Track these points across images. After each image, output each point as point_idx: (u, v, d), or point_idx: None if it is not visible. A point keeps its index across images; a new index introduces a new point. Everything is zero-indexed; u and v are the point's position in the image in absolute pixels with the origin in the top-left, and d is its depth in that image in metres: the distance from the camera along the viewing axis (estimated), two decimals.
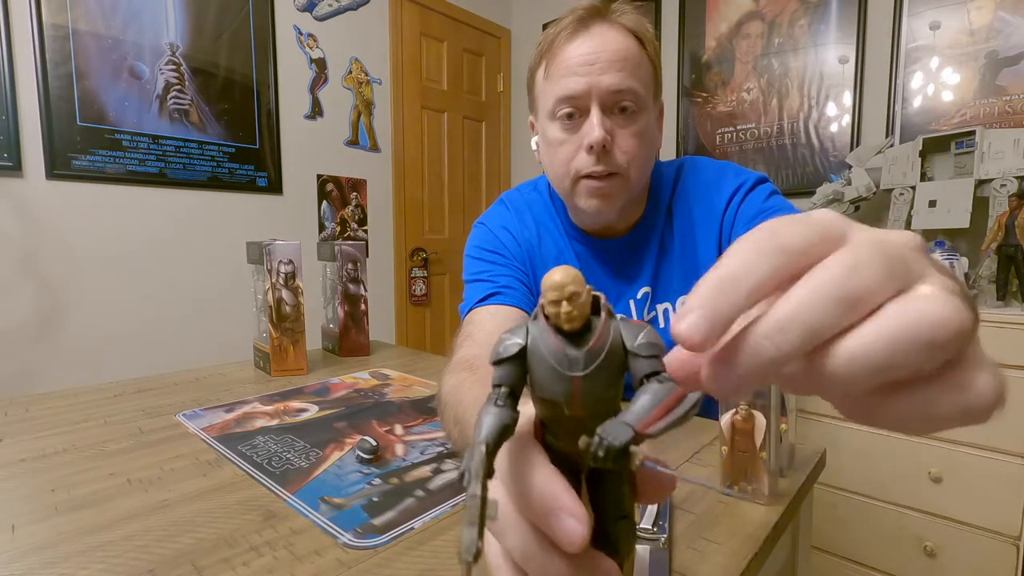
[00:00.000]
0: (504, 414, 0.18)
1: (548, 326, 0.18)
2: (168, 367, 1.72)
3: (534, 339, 0.18)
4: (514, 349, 0.18)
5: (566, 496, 0.18)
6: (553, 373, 0.18)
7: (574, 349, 0.17)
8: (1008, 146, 1.40)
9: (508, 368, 0.18)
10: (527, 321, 0.19)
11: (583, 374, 0.17)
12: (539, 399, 0.19)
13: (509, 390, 0.18)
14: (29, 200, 1.53)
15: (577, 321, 0.17)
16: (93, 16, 1.59)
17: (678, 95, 2.27)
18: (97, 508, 0.41)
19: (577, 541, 0.17)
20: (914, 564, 1.35)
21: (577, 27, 0.65)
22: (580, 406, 0.18)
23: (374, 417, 0.63)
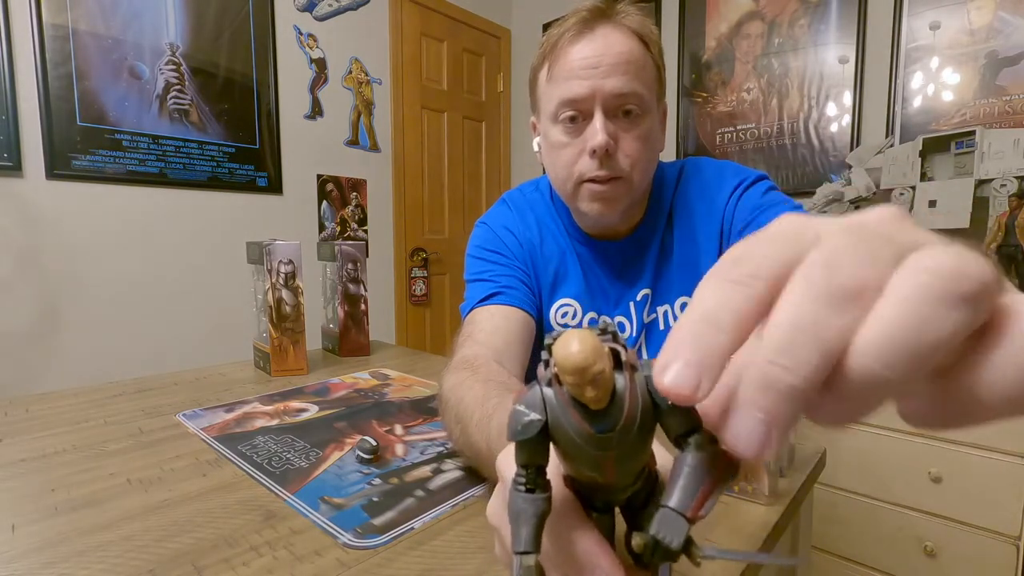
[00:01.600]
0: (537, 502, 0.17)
1: (568, 400, 0.16)
2: (168, 367, 1.72)
3: (555, 416, 0.17)
4: (535, 429, 0.17)
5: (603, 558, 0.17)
6: (583, 451, 0.16)
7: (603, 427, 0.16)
8: (1008, 146, 1.40)
9: (531, 447, 0.17)
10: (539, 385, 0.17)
11: (617, 452, 0.16)
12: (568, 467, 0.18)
13: (536, 469, 0.17)
14: (29, 200, 1.53)
15: (604, 401, 0.15)
16: (93, 16, 1.59)
17: (678, 95, 2.27)
18: (97, 508, 0.41)
19: None
20: (914, 564, 1.35)
21: (581, 28, 0.64)
22: (614, 476, 0.17)
23: (374, 417, 0.63)
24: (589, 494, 0.20)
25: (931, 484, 1.31)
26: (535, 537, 0.16)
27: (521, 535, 0.16)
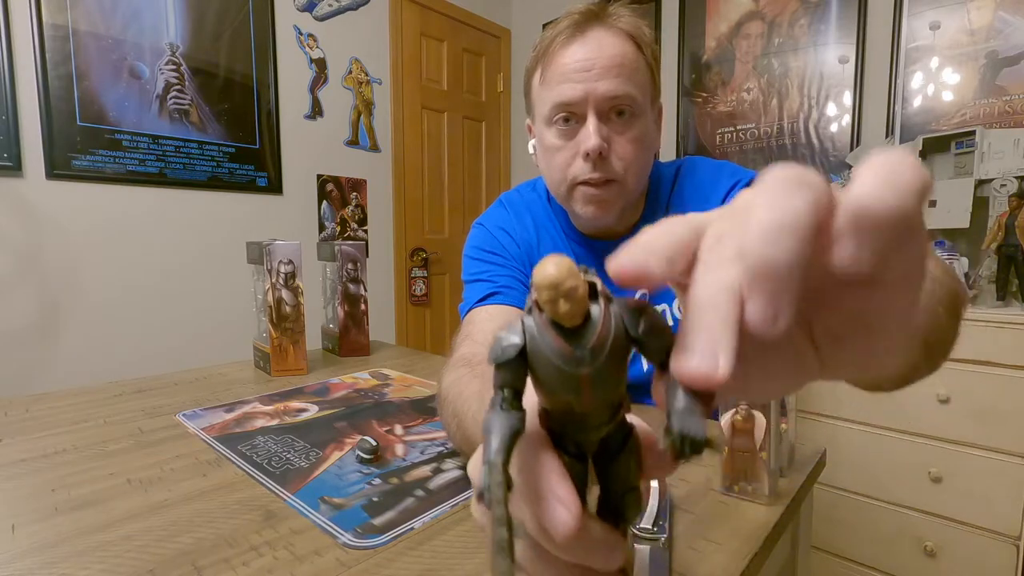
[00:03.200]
0: (512, 419, 0.17)
1: (546, 322, 0.17)
2: (168, 367, 1.72)
3: (533, 338, 0.18)
4: (513, 352, 0.18)
5: (560, 487, 0.18)
6: (558, 372, 0.17)
7: (578, 346, 0.17)
8: (1008, 146, 1.40)
9: (509, 370, 0.18)
10: (522, 316, 0.18)
11: (590, 371, 0.17)
12: (543, 394, 0.19)
13: (513, 392, 0.18)
14: (29, 200, 1.53)
15: (578, 317, 0.17)
16: (93, 16, 1.59)
17: (678, 95, 2.27)
18: (97, 508, 0.41)
19: (563, 531, 0.17)
20: (914, 564, 1.35)
21: (573, 32, 0.64)
22: (589, 401, 0.18)
23: (374, 417, 0.63)
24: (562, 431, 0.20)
25: (931, 484, 1.31)
26: (505, 447, 0.17)
27: (492, 444, 0.17)
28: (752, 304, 0.14)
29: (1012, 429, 1.21)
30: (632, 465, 0.20)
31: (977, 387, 1.24)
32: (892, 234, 0.14)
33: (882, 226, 0.14)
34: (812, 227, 0.14)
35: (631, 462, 0.20)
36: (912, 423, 1.34)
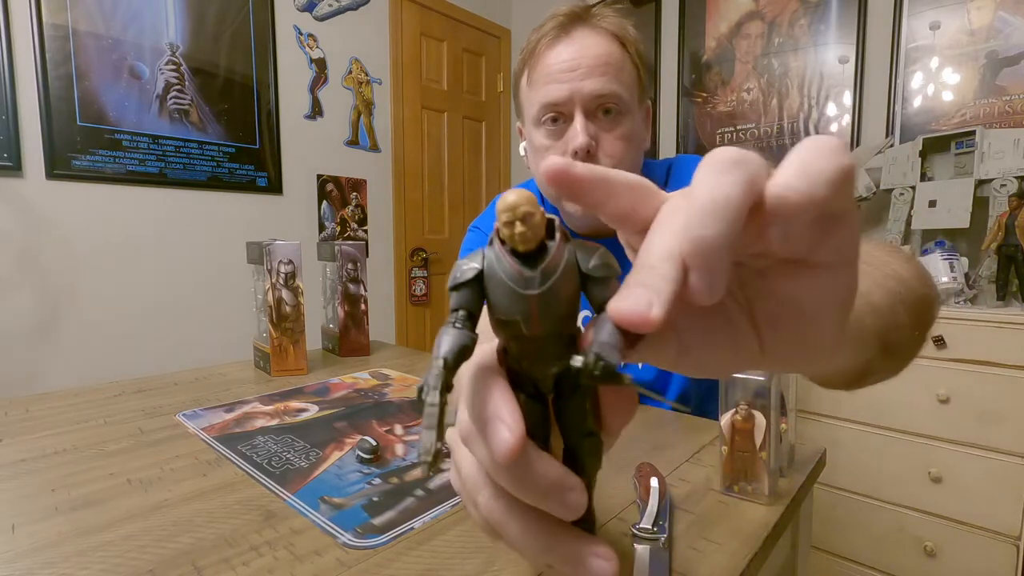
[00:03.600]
0: (463, 335, 0.18)
1: (503, 249, 0.18)
2: (168, 367, 1.72)
3: (490, 263, 0.18)
4: (471, 274, 0.19)
5: (505, 409, 0.18)
6: (510, 293, 0.18)
7: (529, 269, 0.18)
8: (1008, 146, 1.40)
9: (465, 292, 0.19)
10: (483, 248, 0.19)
11: (539, 292, 0.18)
12: (498, 322, 0.19)
13: (467, 313, 0.19)
14: (29, 200, 1.53)
15: (531, 242, 0.17)
16: (93, 16, 1.59)
17: (678, 95, 2.27)
18: (97, 508, 0.41)
19: (501, 452, 0.18)
20: (914, 564, 1.35)
21: (558, 33, 0.65)
22: (538, 325, 0.18)
23: (374, 417, 0.63)
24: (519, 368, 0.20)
25: (931, 484, 1.31)
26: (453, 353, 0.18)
27: (441, 348, 0.18)
28: (692, 275, 0.15)
29: (1012, 429, 1.21)
30: (588, 408, 0.20)
31: (977, 387, 1.24)
32: (807, 219, 0.15)
33: (796, 212, 0.15)
34: (741, 208, 0.15)
35: (586, 404, 0.20)
36: (912, 423, 1.34)
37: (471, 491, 0.22)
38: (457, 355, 0.18)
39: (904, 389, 1.34)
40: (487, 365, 0.20)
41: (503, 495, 0.21)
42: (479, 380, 0.20)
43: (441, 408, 0.17)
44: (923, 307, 0.34)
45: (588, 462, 0.21)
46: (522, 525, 0.20)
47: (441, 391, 0.17)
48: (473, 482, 0.22)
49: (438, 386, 0.17)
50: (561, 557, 0.20)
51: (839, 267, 0.17)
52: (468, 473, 0.22)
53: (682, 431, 0.58)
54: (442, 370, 0.17)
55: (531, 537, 0.20)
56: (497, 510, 0.21)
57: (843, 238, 0.16)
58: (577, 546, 0.20)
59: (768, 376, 0.39)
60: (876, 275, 0.33)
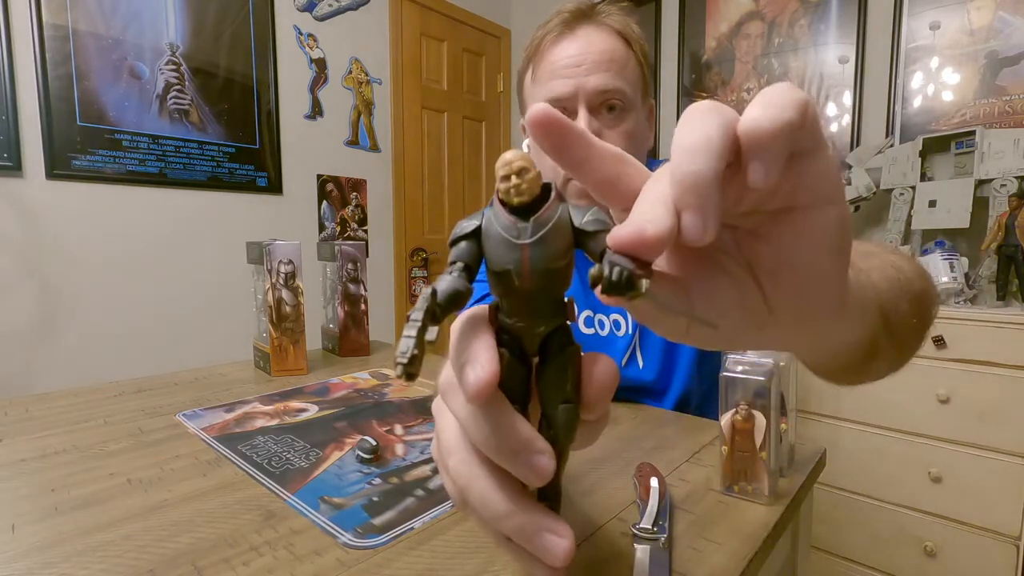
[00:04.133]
0: (458, 281, 0.19)
1: (501, 206, 0.19)
2: (168, 367, 1.72)
3: (488, 219, 0.19)
4: (470, 228, 0.20)
5: (482, 351, 0.19)
6: (504, 243, 0.19)
7: (522, 220, 0.19)
8: (1008, 146, 1.40)
9: (464, 246, 0.20)
10: (485, 210, 0.20)
11: (531, 241, 0.18)
12: (492, 274, 0.20)
13: (464, 265, 0.20)
14: (29, 200, 1.53)
15: (525, 195, 0.18)
16: (93, 16, 1.59)
17: (678, 95, 2.27)
18: (97, 508, 0.41)
19: (473, 387, 0.18)
20: (914, 564, 1.35)
21: (563, 29, 0.65)
22: (530, 275, 0.19)
23: (374, 417, 0.63)
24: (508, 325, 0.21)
25: (931, 484, 1.31)
26: (446, 293, 0.18)
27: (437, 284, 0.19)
28: (684, 216, 0.16)
29: (1012, 429, 1.21)
30: (569, 375, 0.21)
31: (977, 387, 1.24)
32: (780, 150, 0.16)
33: (767, 139, 0.15)
34: (722, 143, 0.16)
35: (568, 371, 0.21)
36: (912, 423, 1.34)
37: (444, 455, 0.22)
38: (450, 296, 0.18)
39: (904, 389, 1.34)
40: (476, 316, 0.21)
41: (473, 457, 0.21)
42: (465, 328, 0.20)
43: (423, 323, 0.17)
44: (923, 301, 0.35)
45: (561, 432, 0.21)
46: (486, 487, 0.21)
47: (425, 312, 0.18)
48: (447, 446, 0.22)
49: (423, 308, 0.18)
50: (518, 526, 0.20)
51: (822, 206, 0.18)
52: (445, 438, 0.22)
53: (682, 431, 0.58)
54: (430, 296, 0.18)
55: (492, 501, 0.20)
56: (464, 472, 0.21)
57: (819, 175, 0.17)
58: (536, 518, 0.20)
59: (768, 376, 0.39)
60: (876, 262, 0.33)
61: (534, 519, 0.20)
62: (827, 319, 0.21)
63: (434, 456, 0.25)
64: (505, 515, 0.20)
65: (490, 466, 0.21)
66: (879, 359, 0.33)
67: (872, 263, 0.33)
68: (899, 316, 0.32)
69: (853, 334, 0.28)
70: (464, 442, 0.21)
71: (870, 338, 0.30)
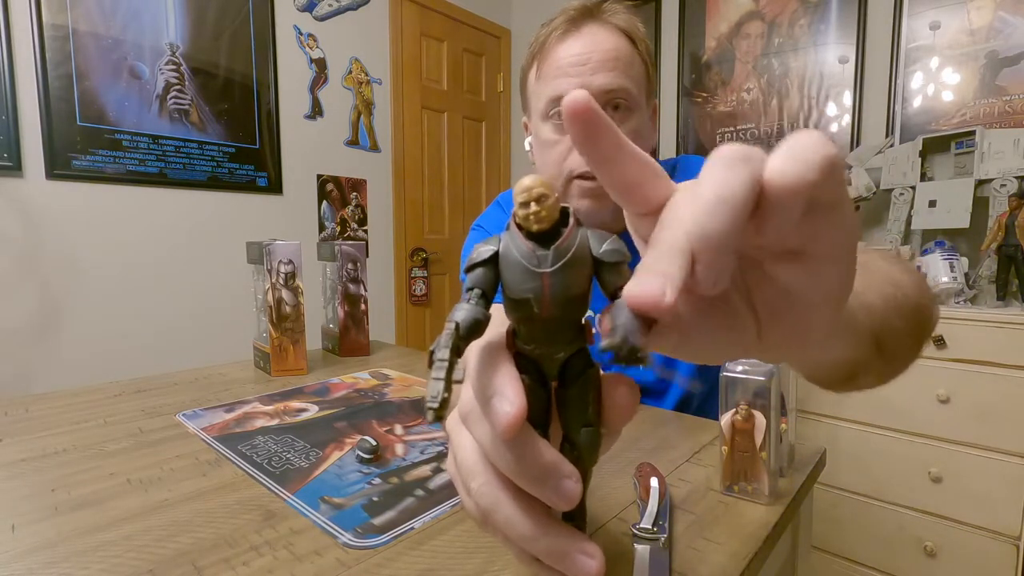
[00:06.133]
0: (476, 310, 0.19)
1: (518, 232, 0.19)
2: (168, 367, 1.72)
3: (506, 245, 0.19)
4: (487, 255, 0.19)
5: (508, 384, 0.19)
6: (523, 271, 0.19)
7: (542, 248, 0.18)
8: (1008, 146, 1.40)
9: (480, 273, 0.19)
10: (500, 234, 0.20)
11: (551, 270, 0.18)
12: (510, 302, 0.20)
13: (481, 292, 0.19)
14: (29, 200, 1.53)
15: (545, 222, 0.18)
16: (93, 16, 1.59)
17: (678, 95, 2.27)
18: (97, 508, 0.41)
19: (503, 423, 0.18)
20: (914, 564, 1.35)
21: (568, 27, 0.65)
22: (549, 304, 0.19)
23: (374, 417, 0.63)
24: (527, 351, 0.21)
25: (931, 484, 1.31)
26: (467, 324, 0.18)
27: (455, 314, 0.19)
28: (699, 268, 0.16)
29: (1012, 429, 1.21)
30: (590, 399, 0.21)
31: (977, 387, 1.24)
32: (799, 203, 0.16)
33: (788, 196, 0.15)
34: (745, 204, 0.15)
35: (589, 394, 0.21)
36: (912, 423, 1.34)
37: (465, 476, 0.22)
38: (470, 325, 0.18)
39: (904, 389, 1.34)
40: (495, 344, 0.21)
41: (497, 480, 0.21)
42: (486, 357, 0.20)
43: (450, 363, 0.18)
44: (919, 316, 0.34)
45: (585, 454, 0.21)
46: (512, 511, 0.20)
47: (451, 349, 0.18)
48: (468, 467, 0.22)
49: (448, 345, 0.18)
50: (547, 548, 0.20)
51: (834, 260, 0.18)
52: (464, 458, 0.22)
53: (682, 431, 0.58)
54: (453, 332, 0.18)
55: (520, 525, 0.20)
56: (489, 495, 0.21)
57: (838, 230, 0.17)
58: (565, 540, 0.20)
59: (768, 376, 0.39)
60: (873, 279, 0.33)
61: (564, 540, 0.20)
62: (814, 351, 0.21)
63: (449, 471, 0.25)
64: (533, 537, 0.20)
65: (514, 488, 0.21)
66: (867, 374, 0.33)
67: (870, 280, 0.32)
68: (892, 334, 0.31)
69: (839, 356, 0.28)
70: (486, 464, 0.21)
71: (857, 359, 0.30)
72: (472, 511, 0.23)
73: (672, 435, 0.56)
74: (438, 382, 0.17)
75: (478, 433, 0.21)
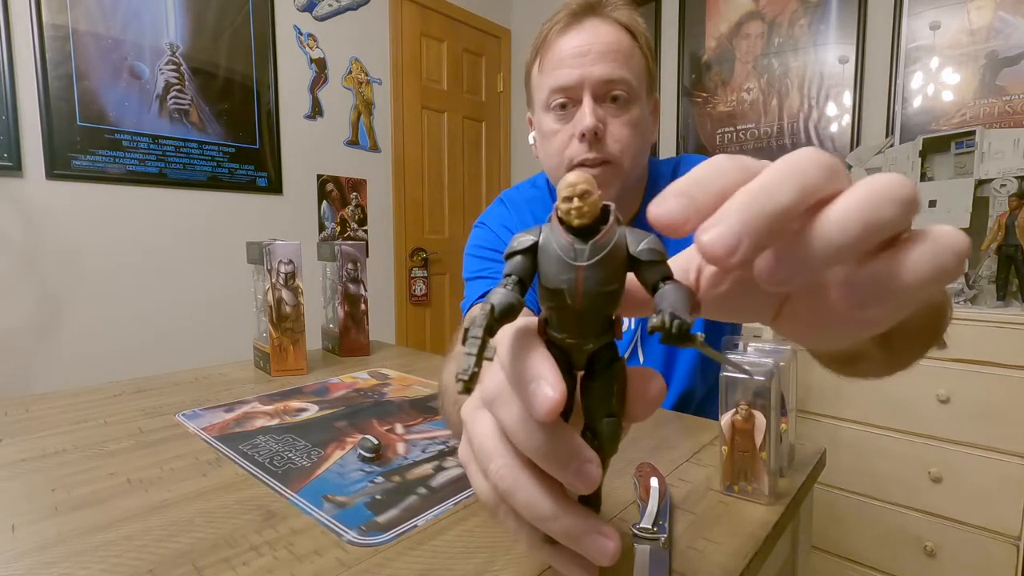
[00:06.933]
0: (512, 295, 0.20)
1: (559, 225, 0.20)
2: (168, 367, 1.72)
3: (546, 236, 0.20)
4: (527, 244, 0.20)
5: (548, 369, 0.19)
6: (560, 263, 0.19)
7: (581, 242, 0.19)
8: (1008, 146, 1.40)
9: (519, 261, 0.20)
10: (541, 225, 0.21)
11: (587, 263, 0.19)
12: (545, 291, 0.20)
13: (518, 279, 0.20)
14: (29, 200, 1.53)
15: (586, 218, 0.19)
16: (93, 16, 1.59)
17: (678, 95, 2.27)
18: (97, 508, 0.41)
19: (546, 404, 0.19)
20: (914, 564, 1.35)
21: (570, 21, 0.67)
22: (582, 296, 0.19)
23: (374, 416, 0.63)
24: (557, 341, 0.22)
25: (931, 484, 1.31)
26: (501, 307, 0.19)
27: (493, 297, 0.19)
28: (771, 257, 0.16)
29: (1012, 429, 1.21)
30: (614, 390, 0.22)
31: (977, 387, 1.24)
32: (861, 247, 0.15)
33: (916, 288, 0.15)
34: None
35: (613, 386, 0.22)
36: (912, 423, 1.34)
37: (484, 459, 0.22)
38: (504, 308, 0.19)
39: (904, 389, 1.34)
40: (529, 330, 0.22)
41: (518, 462, 0.21)
42: (520, 341, 0.21)
43: (483, 341, 0.18)
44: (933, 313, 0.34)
45: (606, 443, 0.22)
46: (533, 491, 0.21)
47: (485, 329, 0.19)
48: (488, 450, 0.22)
49: (483, 324, 0.19)
50: (566, 528, 0.21)
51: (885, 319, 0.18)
52: (482, 441, 0.23)
53: (682, 431, 0.58)
54: (489, 312, 0.19)
55: (541, 504, 0.21)
56: (509, 476, 0.21)
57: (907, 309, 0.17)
58: (584, 520, 0.21)
59: (768, 376, 0.39)
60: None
61: (582, 521, 0.21)
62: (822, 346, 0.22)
63: (462, 458, 0.25)
64: (553, 517, 0.21)
65: (534, 470, 0.21)
66: (868, 362, 0.33)
67: None
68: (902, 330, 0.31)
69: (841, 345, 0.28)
70: (506, 447, 0.22)
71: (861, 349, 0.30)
72: (487, 495, 0.23)
73: (672, 435, 0.56)
74: (470, 357, 0.18)
75: (504, 415, 0.21)
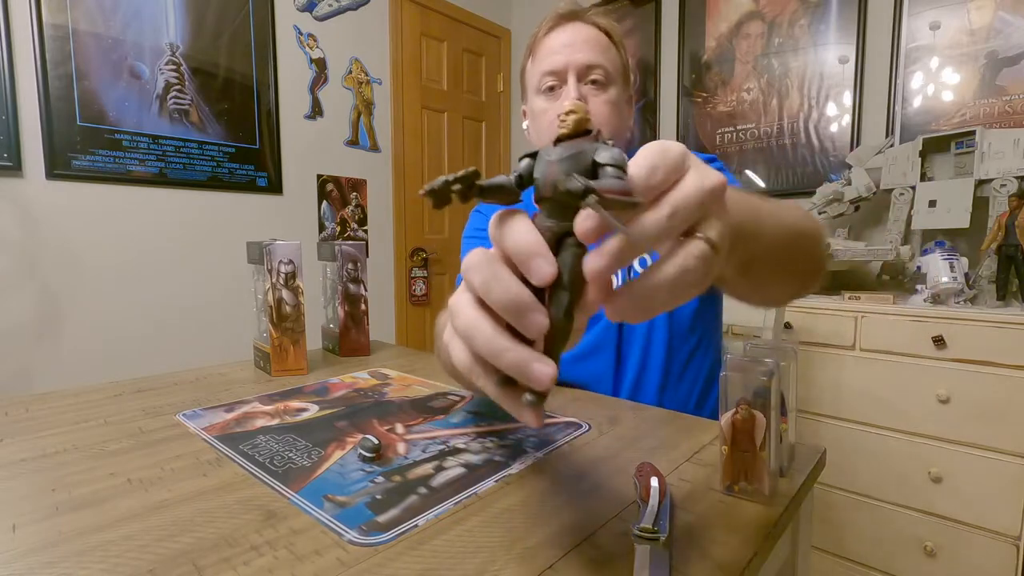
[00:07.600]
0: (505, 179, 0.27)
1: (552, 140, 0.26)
2: (168, 367, 1.72)
3: (545, 148, 0.26)
4: (533, 150, 0.28)
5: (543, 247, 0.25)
6: (541, 160, 0.26)
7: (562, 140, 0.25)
8: (1008, 146, 1.40)
9: (525, 162, 0.28)
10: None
11: (554, 159, 0.25)
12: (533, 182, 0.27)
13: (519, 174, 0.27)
14: (29, 200, 1.53)
15: (565, 130, 0.25)
16: (93, 16, 1.59)
17: (678, 95, 2.27)
18: (97, 508, 0.41)
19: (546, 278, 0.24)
20: (914, 564, 1.35)
21: (557, 22, 0.81)
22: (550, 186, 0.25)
23: (374, 416, 0.63)
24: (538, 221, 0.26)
25: (931, 484, 1.31)
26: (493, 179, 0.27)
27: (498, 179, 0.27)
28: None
29: (1012, 429, 1.21)
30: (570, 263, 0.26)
31: (977, 387, 1.25)
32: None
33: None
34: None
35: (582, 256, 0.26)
36: (912, 423, 1.34)
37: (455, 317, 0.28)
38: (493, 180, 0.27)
39: (904, 389, 1.34)
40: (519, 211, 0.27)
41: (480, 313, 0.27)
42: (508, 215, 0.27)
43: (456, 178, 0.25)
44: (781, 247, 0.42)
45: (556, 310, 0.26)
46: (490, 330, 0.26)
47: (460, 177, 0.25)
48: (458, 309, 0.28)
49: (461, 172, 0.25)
50: (514, 359, 0.25)
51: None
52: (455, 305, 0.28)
53: (682, 431, 0.58)
54: (472, 170, 0.25)
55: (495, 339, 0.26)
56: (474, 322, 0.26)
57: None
58: (529, 353, 0.25)
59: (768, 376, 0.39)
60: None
61: (527, 354, 0.25)
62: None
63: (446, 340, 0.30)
64: (504, 349, 0.25)
65: (495, 317, 0.26)
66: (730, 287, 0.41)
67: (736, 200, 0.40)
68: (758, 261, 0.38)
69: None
70: (474, 304, 0.27)
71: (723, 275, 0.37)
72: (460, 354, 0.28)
73: (672, 435, 0.56)
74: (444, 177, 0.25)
75: (477, 278, 0.26)
